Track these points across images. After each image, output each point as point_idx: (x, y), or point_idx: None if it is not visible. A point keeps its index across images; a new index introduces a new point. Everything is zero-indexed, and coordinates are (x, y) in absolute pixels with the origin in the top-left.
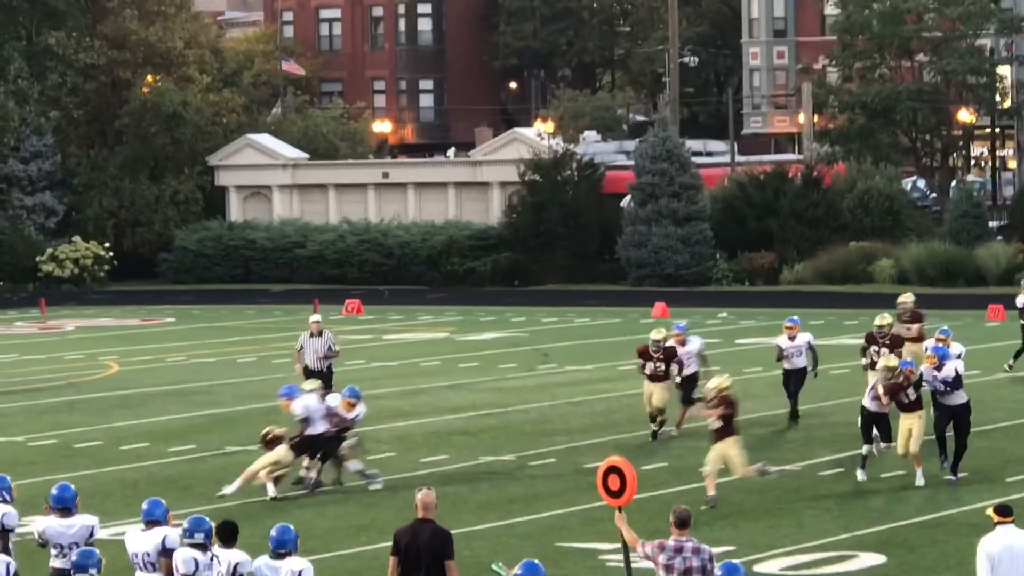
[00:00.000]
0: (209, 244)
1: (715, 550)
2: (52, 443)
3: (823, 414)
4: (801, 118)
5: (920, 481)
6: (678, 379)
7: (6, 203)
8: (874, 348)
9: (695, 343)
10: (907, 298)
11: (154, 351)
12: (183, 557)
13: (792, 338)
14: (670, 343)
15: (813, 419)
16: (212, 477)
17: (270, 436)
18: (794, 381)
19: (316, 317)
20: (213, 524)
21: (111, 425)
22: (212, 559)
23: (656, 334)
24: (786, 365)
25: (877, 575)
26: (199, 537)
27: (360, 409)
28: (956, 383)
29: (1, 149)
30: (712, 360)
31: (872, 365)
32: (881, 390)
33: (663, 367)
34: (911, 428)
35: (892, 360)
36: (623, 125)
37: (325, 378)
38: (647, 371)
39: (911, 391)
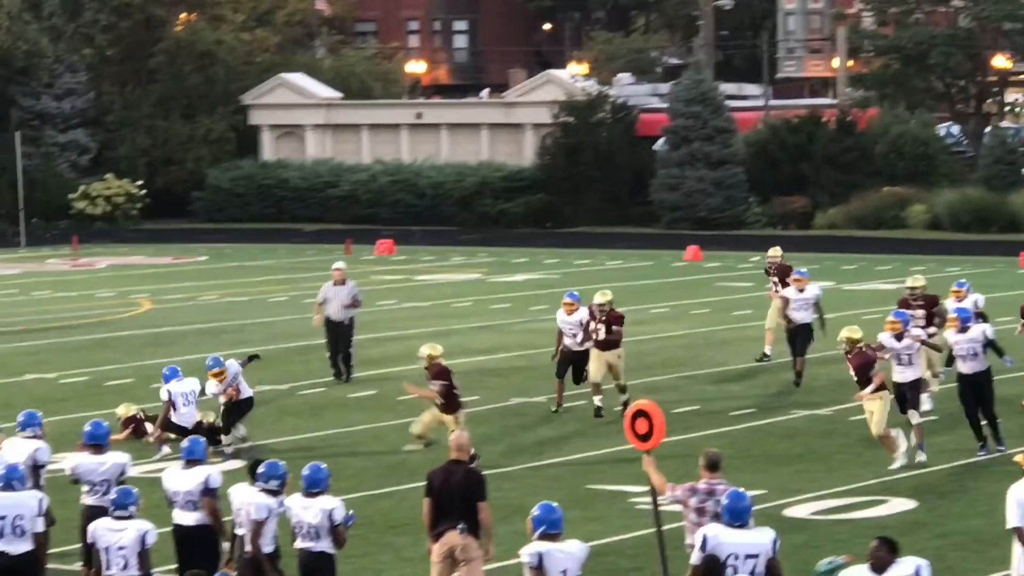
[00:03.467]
0: (242, 183)
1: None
2: (84, 380)
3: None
4: (835, 62)
5: (900, 462)
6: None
7: (39, 140)
8: (909, 314)
9: (813, 289)
10: (776, 251)
11: (186, 289)
12: (256, 502)
13: (801, 290)
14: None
15: (843, 363)
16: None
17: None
18: (800, 338)
19: (340, 264)
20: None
21: (142, 363)
22: (283, 506)
23: (600, 296)
24: (791, 319)
25: (907, 520)
26: (273, 484)
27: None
28: (986, 347)
29: (35, 86)
30: (744, 303)
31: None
32: (851, 369)
33: (604, 331)
34: (872, 411)
35: (856, 331)
36: (657, 68)
37: (346, 331)
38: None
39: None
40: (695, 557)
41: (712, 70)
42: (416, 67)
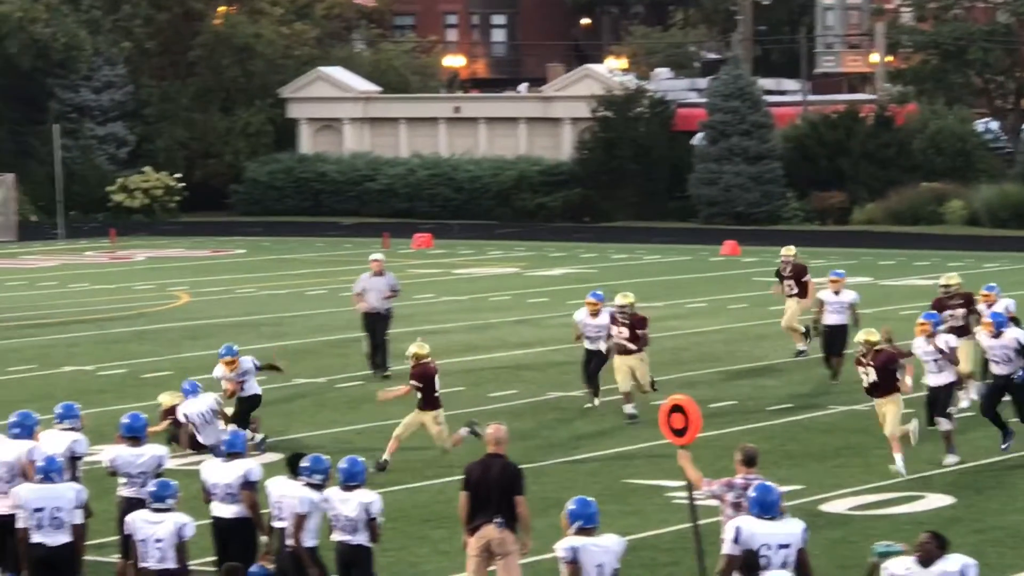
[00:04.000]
0: (280, 176)
1: (782, 489)
2: (121, 373)
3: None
4: (874, 58)
5: (899, 467)
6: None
7: (77, 133)
8: (948, 313)
9: (849, 293)
10: (789, 250)
11: (224, 282)
12: (299, 496)
13: (836, 292)
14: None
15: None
16: (281, 410)
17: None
18: (838, 339)
19: (378, 255)
20: (332, 464)
21: (180, 355)
22: (326, 500)
23: (622, 298)
24: (826, 321)
25: (944, 516)
26: (317, 478)
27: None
28: (1019, 352)
29: (73, 79)
30: (781, 299)
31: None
32: (869, 373)
33: (627, 333)
34: (885, 413)
35: (873, 334)
36: (695, 63)
37: (383, 321)
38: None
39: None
40: (727, 548)
41: (750, 65)
42: (454, 61)
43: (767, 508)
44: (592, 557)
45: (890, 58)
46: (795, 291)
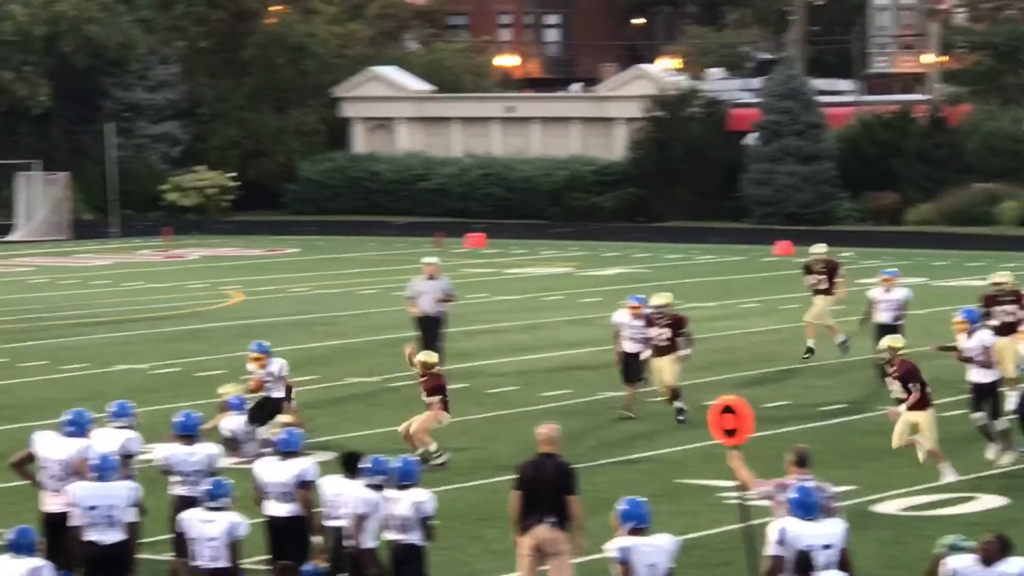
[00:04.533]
0: (333, 175)
1: (834, 490)
2: (175, 371)
3: (947, 355)
4: (927, 58)
5: (948, 477)
6: (688, 351)
7: (131, 132)
8: (1000, 309)
9: (901, 291)
10: (820, 248)
11: (277, 281)
12: (360, 497)
13: (887, 290)
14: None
15: (936, 359)
16: (334, 408)
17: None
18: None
19: (430, 259)
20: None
21: (233, 354)
22: (385, 500)
23: (659, 298)
24: (877, 319)
25: (998, 517)
26: (378, 479)
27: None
28: None
29: (127, 78)
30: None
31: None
32: (893, 384)
33: (669, 334)
34: (915, 422)
35: (899, 340)
36: (748, 63)
37: (436, 326)
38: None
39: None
40: (773, 549)
41: (804, 65)
42: (508, 61)
43: (808, 509)
44: (644, 557)
45: (944, 58)
46: (823, 286)
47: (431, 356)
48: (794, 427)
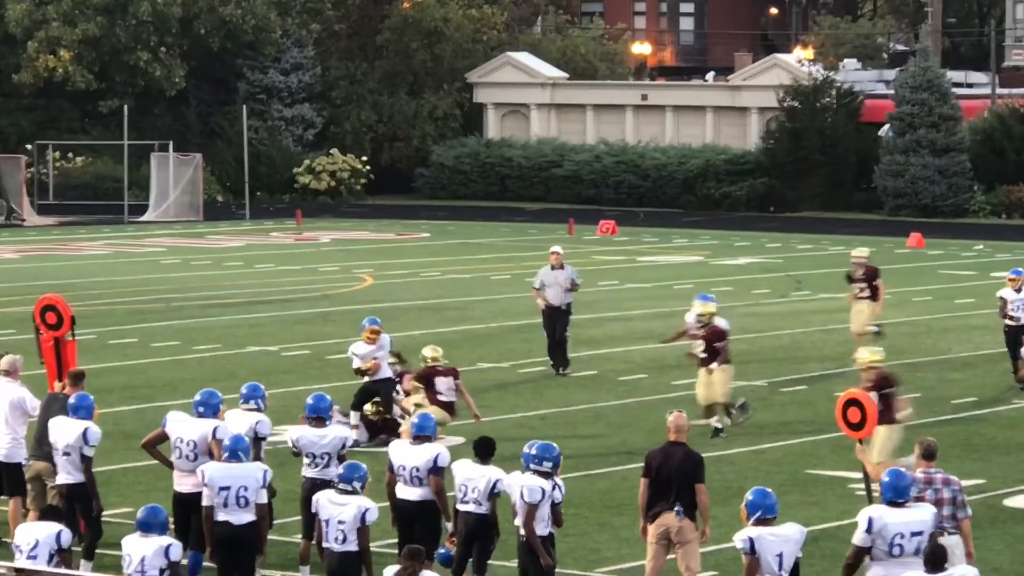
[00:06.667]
0: (466, 161)
1: (964, 483)
2: (305, 354)
3: None
4: None
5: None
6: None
7: (265, 114)
8: None
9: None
10: (862, 252)
11: (408, 265)
12: (528, 485)
13: (1018, 290)
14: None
15: None
16: None
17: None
18: (1020, 339)
19: (557, 248)
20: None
21: None
22: (555, 488)
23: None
24: (1009, 321)
25: None
26: (547, 466)
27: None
28: None
29: (262, 60)
30: (967, 292)
31: None
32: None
33: (703, 346)
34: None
35: (876, 353)
36: (883, 54)
37: (563, 316)
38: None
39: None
40: (858, 538)
41: (939, 57)
42: (642, 49)
43: (899, 493)
44: (771, 547)
45: None
46: (867, 294)
47: (437, 350)
48: (925, 419)
